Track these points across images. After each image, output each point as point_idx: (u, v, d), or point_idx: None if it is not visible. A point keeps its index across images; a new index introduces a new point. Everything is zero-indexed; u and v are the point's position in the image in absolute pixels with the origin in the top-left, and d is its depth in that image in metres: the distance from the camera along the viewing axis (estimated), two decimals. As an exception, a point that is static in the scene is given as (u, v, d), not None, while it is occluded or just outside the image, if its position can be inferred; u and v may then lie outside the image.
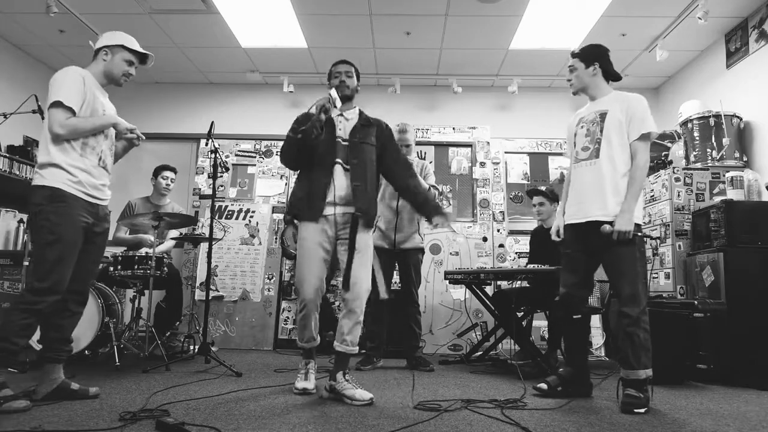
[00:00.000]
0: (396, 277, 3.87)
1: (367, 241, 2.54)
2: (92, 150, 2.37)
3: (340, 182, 2.51)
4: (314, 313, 2.51)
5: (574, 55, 2.71)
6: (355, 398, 2.33)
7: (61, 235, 2.22)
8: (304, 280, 2.48)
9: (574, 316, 2.64)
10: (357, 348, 2.49)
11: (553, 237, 2.81)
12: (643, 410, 2.29)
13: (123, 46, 2.49)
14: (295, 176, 4.27)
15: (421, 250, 3.79)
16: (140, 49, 2.55)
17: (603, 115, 2.56)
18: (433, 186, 3.72)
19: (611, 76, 2.68)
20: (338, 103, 2.52)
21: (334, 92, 2.52)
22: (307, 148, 2.51)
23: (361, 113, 2.70)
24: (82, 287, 2.41)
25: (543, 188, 4.02)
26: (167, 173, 4.10)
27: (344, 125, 2.61)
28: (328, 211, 2.50)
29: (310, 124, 2.44)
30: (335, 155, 2.53)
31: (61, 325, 2.35)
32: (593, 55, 2.65)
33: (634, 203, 2.44)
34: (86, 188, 2.33)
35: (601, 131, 2.54)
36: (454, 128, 5.36)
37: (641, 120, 2.49)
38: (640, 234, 2.48)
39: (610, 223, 2.44)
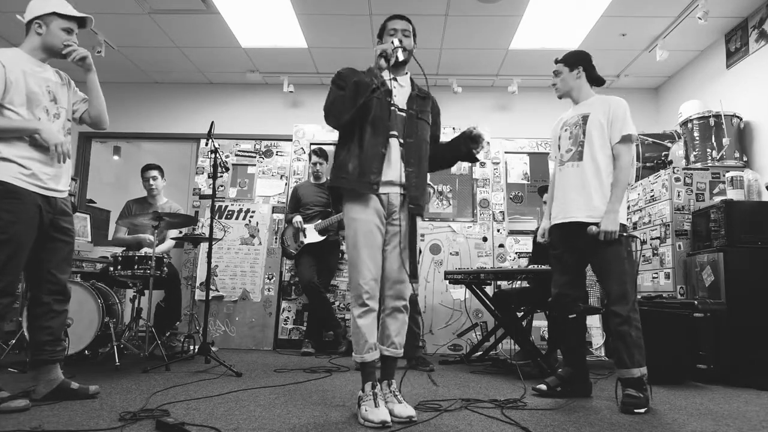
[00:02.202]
0: None
1: (417, 235, 2.27)
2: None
3: (396, 159, 2.17)
4: (375, 311, 2.11)
5: (557, 60, 2.79)
6: (393, 413, 2.01)
7: (13, 235, 2.12)
8: (361, 267, 2.08)
9: (569, 316, 2.65)
10: (403, 351, 2.22)
11: (539, 239, 2.88)
12: (643, 410, 2.29)
13: (56, 14, 2.26)
14: (294, 181, 4.01)
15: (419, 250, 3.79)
16: (74, 13, 2.31)
17: (585, 118, 2.62)
18: (428, 185, 3.72)
19: (594, 80, 2.74)
20: (400, 55, 2.16)
21: (397, 41, 2.18)
22: (361, 107, 2.10)
23: (413, 81, 2.37)
24: (61, 286, 2.34)
25: None
26: (150, 172, 4.04)
27: (399, 92, 2.25)
28: (383, 189, 2.15)
29: (368, 73, 2.12)
30: (391, 126, 2.17)
31: (49, 327, 2.30)
32: (577, 59, 2.74)
33: (618, 204, 2.48)
34: (42, 181, 2.21)
35: (584, 133, 2.60)
36: (454, 128, 5.35)
37: (622, 122, 2.54)
38: (625, 234, 2.51)
39: (596, 223, 2.47)
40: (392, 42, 2.17)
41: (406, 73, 2.34)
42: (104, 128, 2.49)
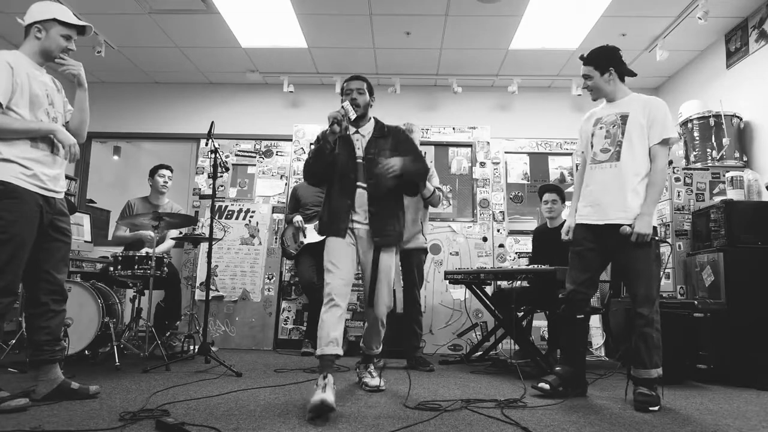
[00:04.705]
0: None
1: (389, 261, 2.62)
2: (42, 138, 2.25)
3: (361, 203, 2.56)
4: (341, 309, 2.40)
5: (586, 62, 2.64)
6: (367, 384, 2.72)
7: (15, 235, 2.13)
8: (332, 268, 2.46)
9: (578, 316, 2.64)
10: (380, 349, 2.83)
11: (564, 237, 2.81)
12: (656, 408, 2.31)
13: (56, 20, 2.26)
14: (294, 181, 4.19)
15: (425, 251, 3.80)
16: (75, 21, 2.32)
17: (624, 118, 2.55)
18: (437, 188, 3.73)
19: (626, 74, 2.65)
20: (352, 115, 2.52)
21: (347, 104, 2.52)
22: (329, 166, 2.55)
23: (376, 123, 2.70)
24: (58, 286, 2.35)
25: (557, 185, 4.00)
26: (164, 171, 4.11)
27: (361, 142, 2.62)
28: (354, 225, 2.57)
29: (323, 138, 2.48)
30: (356, 177, 2.56)
31: (48, 326, 2.31)
32: (607, 60, 2.61)
33: (653, 206, 2.47)
34: (42, 182, 2.23)
35: (623, 134, 2.53)
36: (454, 128, 5.36)
37: (662, 125, 2.49)
38: (657, 237, 2.51)
39: (629, 225, 2.45)
40: (342, 107, 2.50)
41: (369, 120, 2.70)
42: (80, 142, 2.47)
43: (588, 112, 2.80)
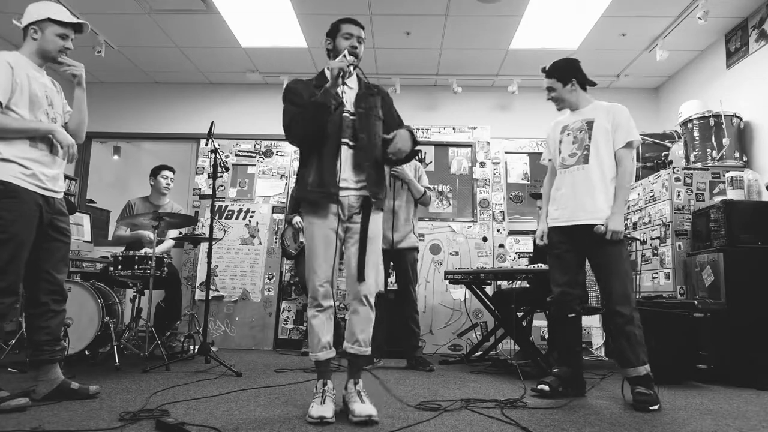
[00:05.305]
0: (392, 277, 3.87)
1: (377, 230, 2.28)
2: (42, 138, 2.25)
3: (349, 163, 2.21)
4: (329, 310, 2.21)
5: (548, 74, 2.77)
6: (354, 413, 2.01)
7: (15, 234, 2.14)
8: (316, 268, 2.16)
9: (569, 315, 2.68)
10: (370, 348, 2.21)
11: (538, 242, 2.90)
12: (656, 407, 2.32)
13: (51, 20, 2.26)
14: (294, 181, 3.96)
15: (417, 249, 3.81)
16: (70, 19, 2.31)
17: (590, 124, 2.66)
18: (427, 188, 3.76)
19: (587, 84, 2.77)
20: (353, 68, 2.23)
21: (350, 57, 2.19)
22: (319, 127, 2.17)
23: (360, 79, 2.41)
24: (58, 286, 2.36)
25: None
26: (166, 173, 4.11)
27: (349, 95, 2.28)
28: (341, 193, 2.19)
29: (325, 94, 2.11)
30: (341, 133, 2.20)
31: (48, 326, 2.32)
32: (568, 72, 2.74)
33: (624, 206, 2.58)
34: (41, 181, 2.24)
35: (590, 138, 2.64)
36: (454, 128, 5.36)
37: (626, 129, 2.61)
38: (628, 236, 2.56)
39: (602, 224, 2.53)
40: (344, 56, 2.18)
41: (354, 73, 2.37)
42: (79, 143, 2.46)
43: (553, 122, 2.90)
